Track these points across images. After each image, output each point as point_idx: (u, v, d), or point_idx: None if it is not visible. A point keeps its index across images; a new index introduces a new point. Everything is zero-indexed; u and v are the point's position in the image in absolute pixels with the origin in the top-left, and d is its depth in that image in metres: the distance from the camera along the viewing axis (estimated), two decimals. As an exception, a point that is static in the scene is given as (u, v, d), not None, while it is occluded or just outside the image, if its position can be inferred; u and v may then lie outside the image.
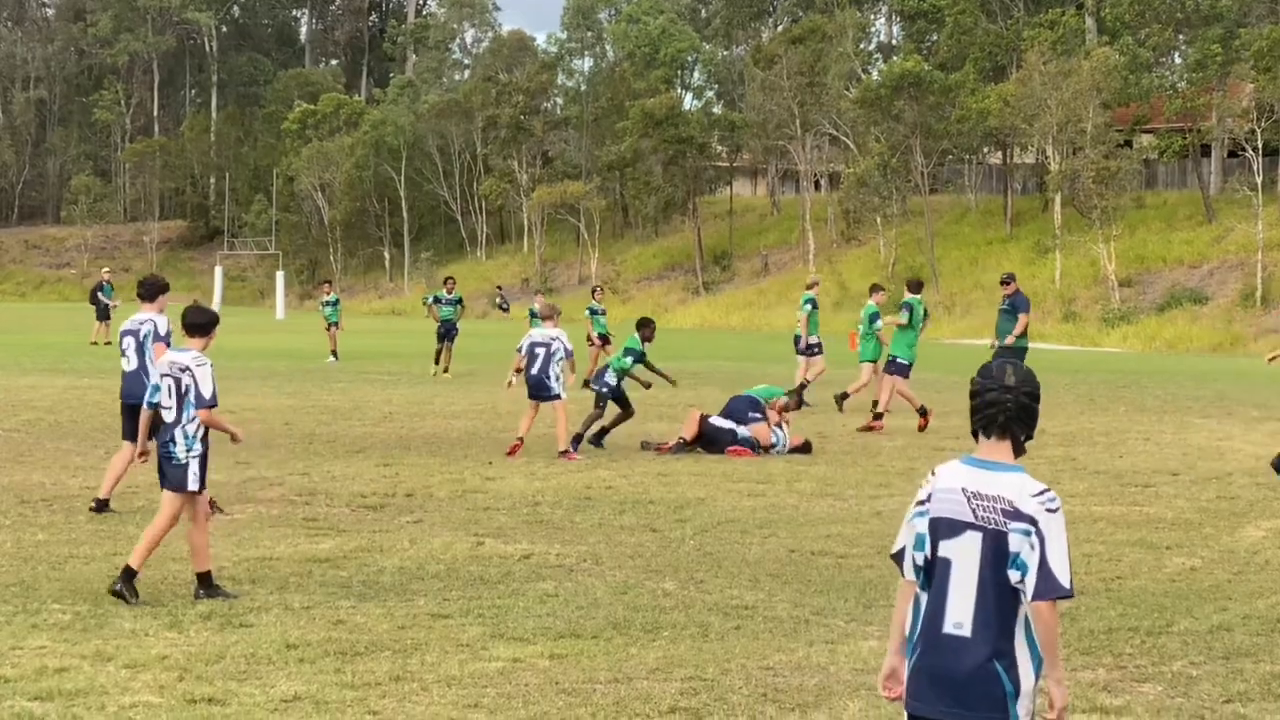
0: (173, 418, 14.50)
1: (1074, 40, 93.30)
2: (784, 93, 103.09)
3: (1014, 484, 6.72)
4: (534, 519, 18.98)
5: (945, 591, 6.70)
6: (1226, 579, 15.59)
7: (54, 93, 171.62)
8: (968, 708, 6.60)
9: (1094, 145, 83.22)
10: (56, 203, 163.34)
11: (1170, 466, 24.95)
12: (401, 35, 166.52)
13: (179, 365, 14.57)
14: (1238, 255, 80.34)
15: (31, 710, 10.33)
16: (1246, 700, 11.07)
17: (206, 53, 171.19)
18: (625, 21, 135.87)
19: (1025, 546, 6.59)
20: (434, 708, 10.63)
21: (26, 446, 25.51)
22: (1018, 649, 6.65)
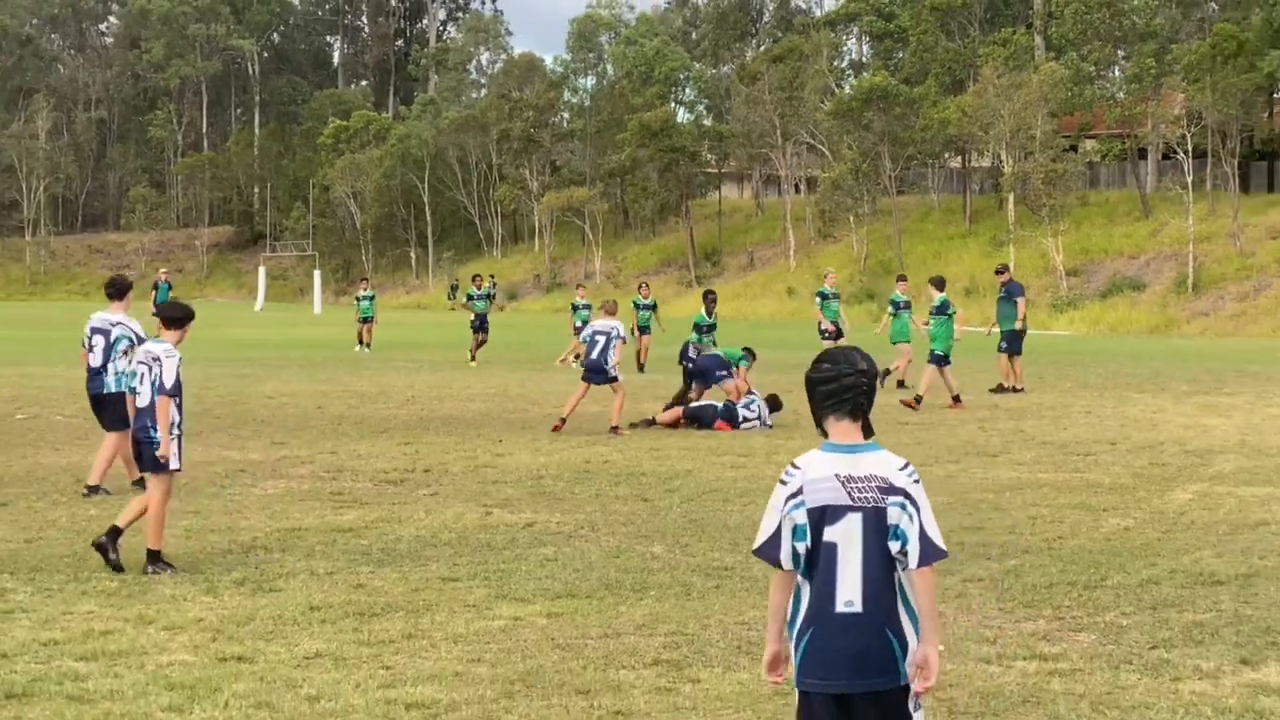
0: (145, 403, 14.16)
1: (1024, 56, 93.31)
2: (766, 106, 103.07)
3: (881, 462, 6.44)
4: (538, 490, 18.91)
5: (834, 573, 6.36)
6: (1156, 537, 15.52)
7: (113, 113, 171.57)
8: (864, 676, 6.31)
9: (1043, 150, 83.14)
10: (116, 211, 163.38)
11: (1109, 437, 24.89)
12: (424, 58, 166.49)
13: (152, 355, 14.27)
14: (1171, 247, 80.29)
15: (77, 669, 10.26)
16: (1170, 646, 11.00)
17: (249, 76, 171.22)
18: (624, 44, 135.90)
19: (904, 518, 6.33)
20: (441, 662, 10.56)
21: (84, 430, 25.39)
22: (900, 613, 6.38)
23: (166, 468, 13.99)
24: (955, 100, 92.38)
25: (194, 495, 18.15)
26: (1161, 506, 17.56)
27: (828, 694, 6.40)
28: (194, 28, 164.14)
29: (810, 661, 6.41)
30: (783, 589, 6.53)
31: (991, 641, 11.14)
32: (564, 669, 10.39)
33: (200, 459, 21.59)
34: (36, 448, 22.97)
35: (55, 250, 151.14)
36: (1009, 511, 17.14)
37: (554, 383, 36.42)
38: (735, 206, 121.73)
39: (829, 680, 6.37)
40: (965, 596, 12.68)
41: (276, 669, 10.33)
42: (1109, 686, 9.99)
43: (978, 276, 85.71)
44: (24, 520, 16.30)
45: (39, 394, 32.28)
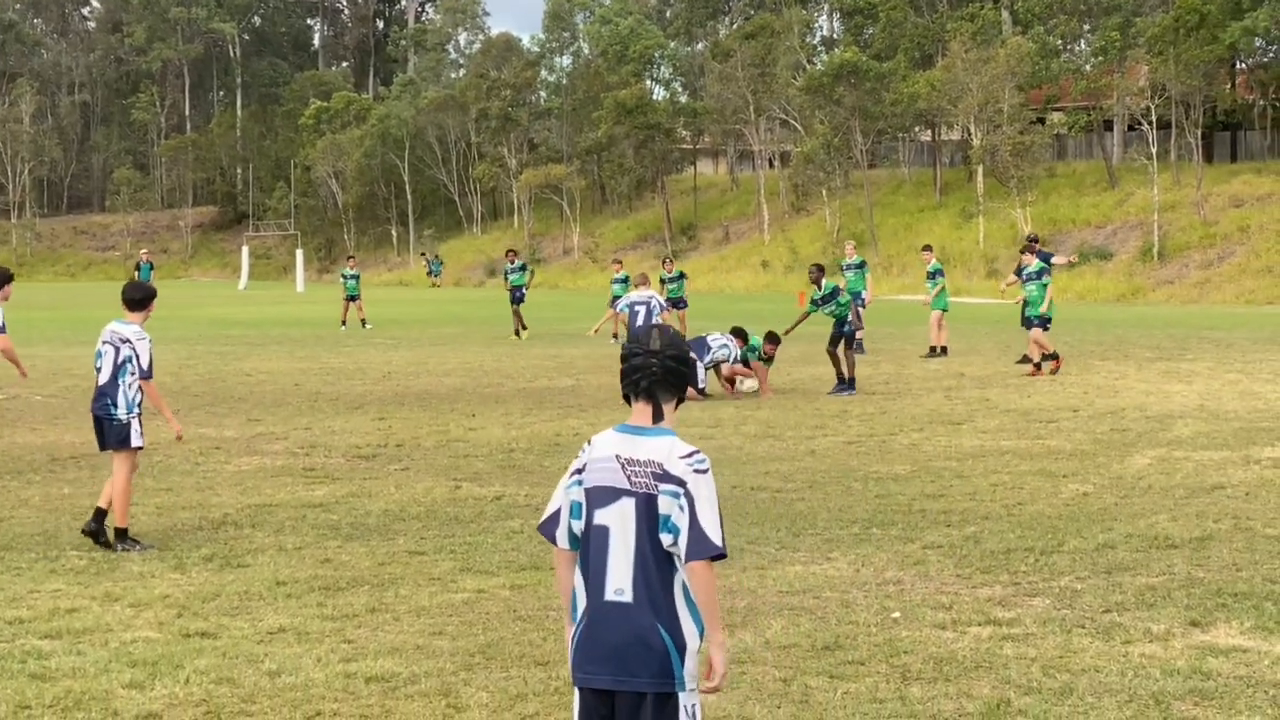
0: (106, 381, 13.93)
1: (992, 31, 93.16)
2: (739, 82, 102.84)
3: (663, 447, 5.95)
4: (508, 464, 18.85)
5: (605, 559, 5.95)
6: (1114, 502, 15.50)
7: (96, 96, 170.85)
8: (633, 674, 5.86)
9: (1010, 123, 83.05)
10: (101, 193, 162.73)
11: (1071, 404, 24.87)
12: (403, 39, 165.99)
13: (120, 336, 14.00)
14: (1137, 216, 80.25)
15: (40, 648, 10.18)
16: (1123, 610, 10.98)
17: (231, 58, 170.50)
18: (598, 23, 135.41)
19: (675, 509, 5.85)
20: (403, 635, 10.51)
21: (62, 410, 25.32)
22: (679, 610, 5.92)
23: (129, 445, 13.84)
24: (925, 75, 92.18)
25: (167, 473, 18.07)
26: (1120, 472, 17.54)
27: (593, 689, 6.00)
28: (175, 11, 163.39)
29: (579, 652, 6.05)
30: (565, 569, 6.18)
31: (947, 608, 11.10)
32: (524, 640, 10.34)
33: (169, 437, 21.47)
34: (14, 427, 22.86)
35: (41, 233, 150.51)
36: (970, 479, 17.12)
37: (528, 358, 36.33)
38: (710, 182, 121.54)
39: (593, 674, 5.97)
40: (924, 563, 12.65)
41: (240, 644, 10.26)
42: (1061, 650, 9.97)
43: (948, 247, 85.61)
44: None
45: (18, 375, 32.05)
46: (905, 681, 9.36)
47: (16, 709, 8.90)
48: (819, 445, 20.30)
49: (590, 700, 6.01)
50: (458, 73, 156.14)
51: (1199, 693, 9.08)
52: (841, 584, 11.96)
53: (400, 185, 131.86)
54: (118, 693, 9.20)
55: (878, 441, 20.61)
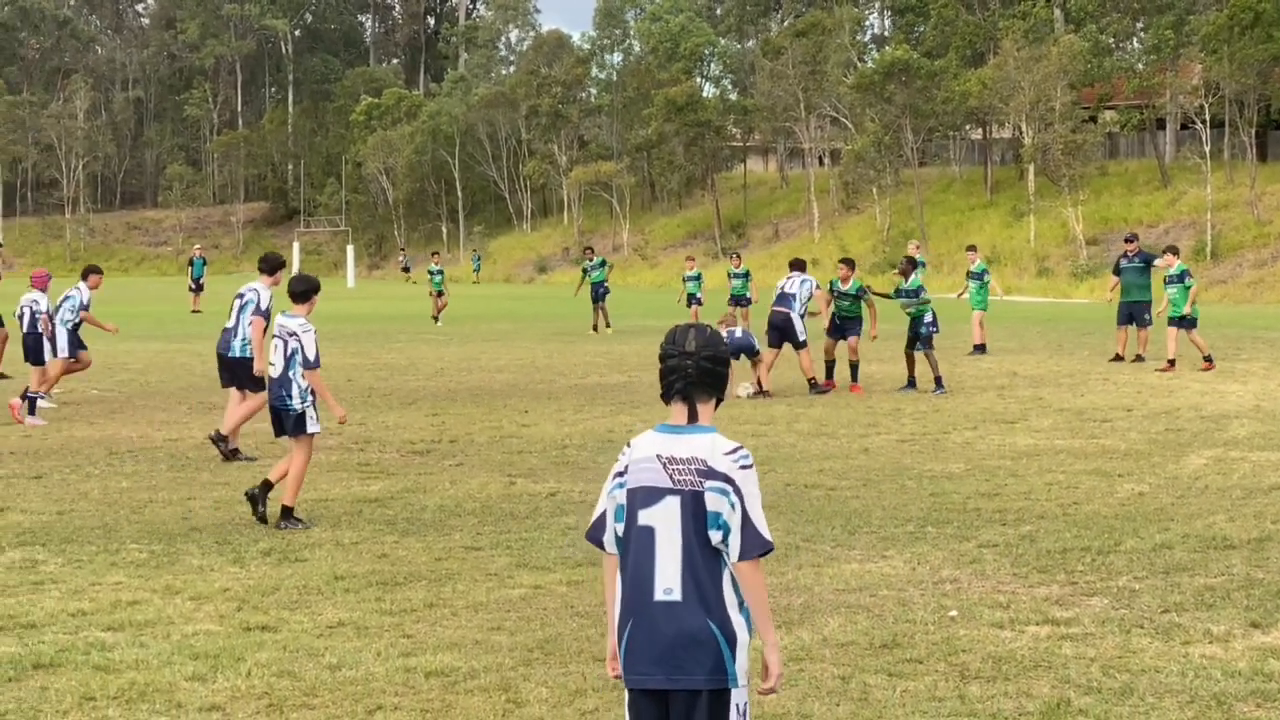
0: (280, 373, 14.70)
1: (1044, 29, 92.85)
2: (790, 80, 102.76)
3: (705, 444, 5.95)
4: (561, 460, 18.88)
5: (652, 559, 5.92)
6: (1170, 502, 15.44)
7: (149, 92, 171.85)
8: (687, 672, 5.85)
9: (1062, 121, 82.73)
10: (154, 189, 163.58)
11: (1125, 403, 24.77)
12: (454, 36, 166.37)
13: (287, 329, 14.77)
14: (1190, 215, 79.85)
15: (104, 639, 10.25)
16: (1181, 610, 10.94)
17: (283, 55, 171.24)
18: (649, 20, 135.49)
19: (725, 506, 5.86)
20: (461, 630, 10.54)
21: (119, 404, 25.49)
22: (729, 608, 5.91)
23: (306, 431, 14.65)
24: (976, 73, 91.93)
25: (225, 467, 18.17)
26: (1176, 472, 17.47)
27: (646, 690, 5.97)
28: (228, 8, 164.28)
29: (630, 654, 6.00)
30: (613, 576, 6.16)
31: (1005, 606, 11.08)
32: (582, 636, 10.36)
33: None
34: (71, 421, 23.00)
35: (94, 227, 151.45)
36: (1025, 478, 17.07)
37: (579, 354, 36.38)
38: (760, 179, 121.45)
39: (646, 675, 5.95)
40: (980, 562, 12.63)
41: (299, 638, 10.31)
42: (1120, 650, 9.94)
43: (999, 246, 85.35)
44: (57, 493, 16.32)
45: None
46: (964, 680, 9.35)
47: (82, 700, 8.97)
48: (872, 443, 20.27)
49: (642, 702, 6.00)
50: (508, 69, 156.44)
51: (1261, 694, 9.04)
52: (898, 582, 11.94)
53: (450, 181, 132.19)
54: (181, 685, 9.26)
55: (931, 440, 20.57)
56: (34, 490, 16.48)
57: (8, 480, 17.15)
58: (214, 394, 27.03)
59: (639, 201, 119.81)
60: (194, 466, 18.19)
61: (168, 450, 19.55)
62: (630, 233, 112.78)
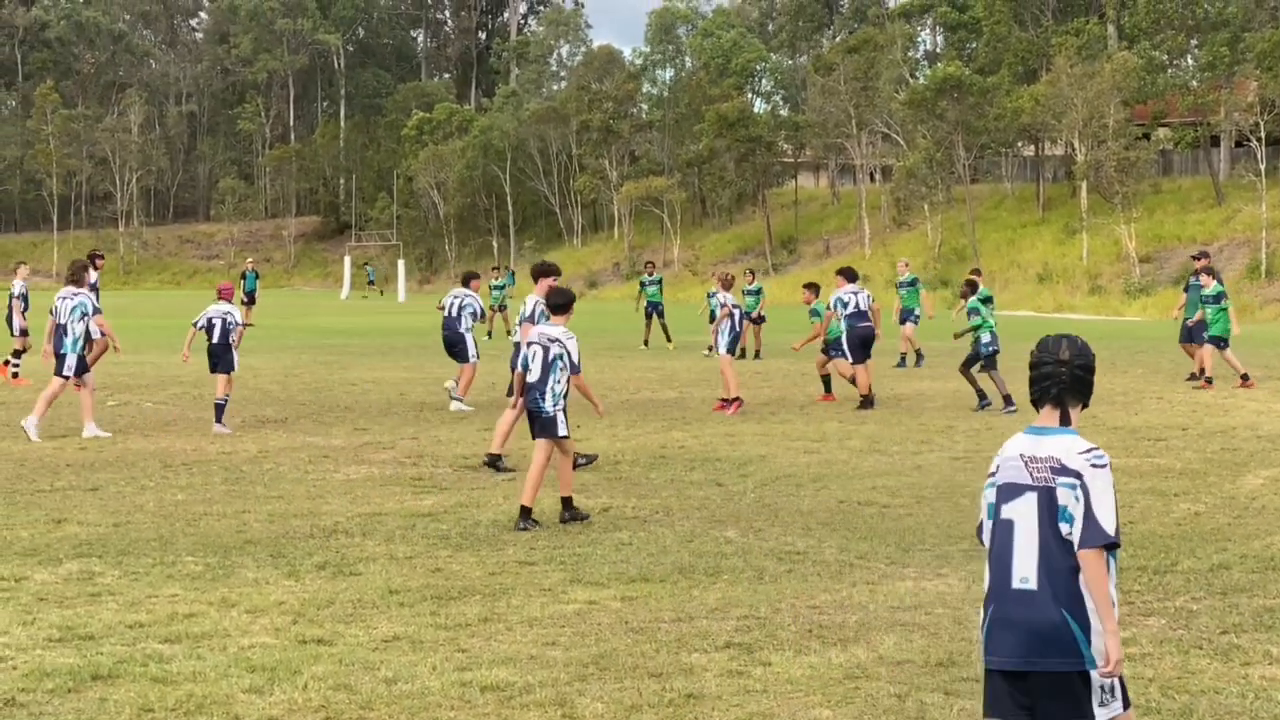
0: (537, 378, 15.56)
1: (1097, 46, 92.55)
2: (841, 96, 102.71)
3: (1063, 445, 6.51)
4: (614, 475, 18.89)
5: (1010, 550, 6.50)
6: (1227, 522, 15.36)
7: (203, 106, 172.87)
8: (1042, 655, 6.37)
9: (1115, 138, 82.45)
10: (206, 202, 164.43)
11: (1180, 422, 24.64)
12: (505, 51, 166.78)
13: (549, 337, 15.70)
14: (1244, 234, 79.46)
15: (161, 651, 10.30)
16: (1240, 632, 10.88)
17: (335, 69, 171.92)
18: (701, 35, 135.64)
19: (1071, 499, 6.38)
20: (516, 645, 10.55)
21: (173, 416, 25.62)
22: (1081, 594, 6.40)
23: (556, 434, 15.56)
24: (1028, 89, 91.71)
25: (278, 480, 18.23)
26: (1233, 491, 17.37)
27: (1006, 671, 6.49)
28: (281, 23, 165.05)
29: (990, 638, 6.55)
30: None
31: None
32: (637, 652, 10.36)
33: (285, 444, 21.70)
34: (126, 434, 23.11)
35: (148, 240, 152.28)
36: (1080, 497, 16.98)
37: (630, 370, 36.38)
38: (811, 195, 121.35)
39: (1006, 657, 6.47)
40: (1035, 581, 12.57)
41: (355, 651, 10.34)
42: (1178, 671, 9.89)
43: (1051, 263, 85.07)
44: (113, 505, 16.40)
45: (129, 381, 32.51)
46: (1021, 700, 9.29)
47: (140, 711, 9.01)
48: (925, 460, 20.22)
49: (1001, 683, 6.52)
50: (559, 84, 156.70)
51: (1321, 716, 8.98)
52: (953, 600, 11.91)
53: (501, 196, 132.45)
54: (238, 697, 9.30)
55: (985, 457, 20.47)
56: (90, 502, 16.57)
57: (65, 492, 17.26)
58: (266, 406, 27.18)
59: (690, 217, 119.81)
60: (248, 480, 18.26)
61: (221, 463, 19.63)
62: (681, 248, 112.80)
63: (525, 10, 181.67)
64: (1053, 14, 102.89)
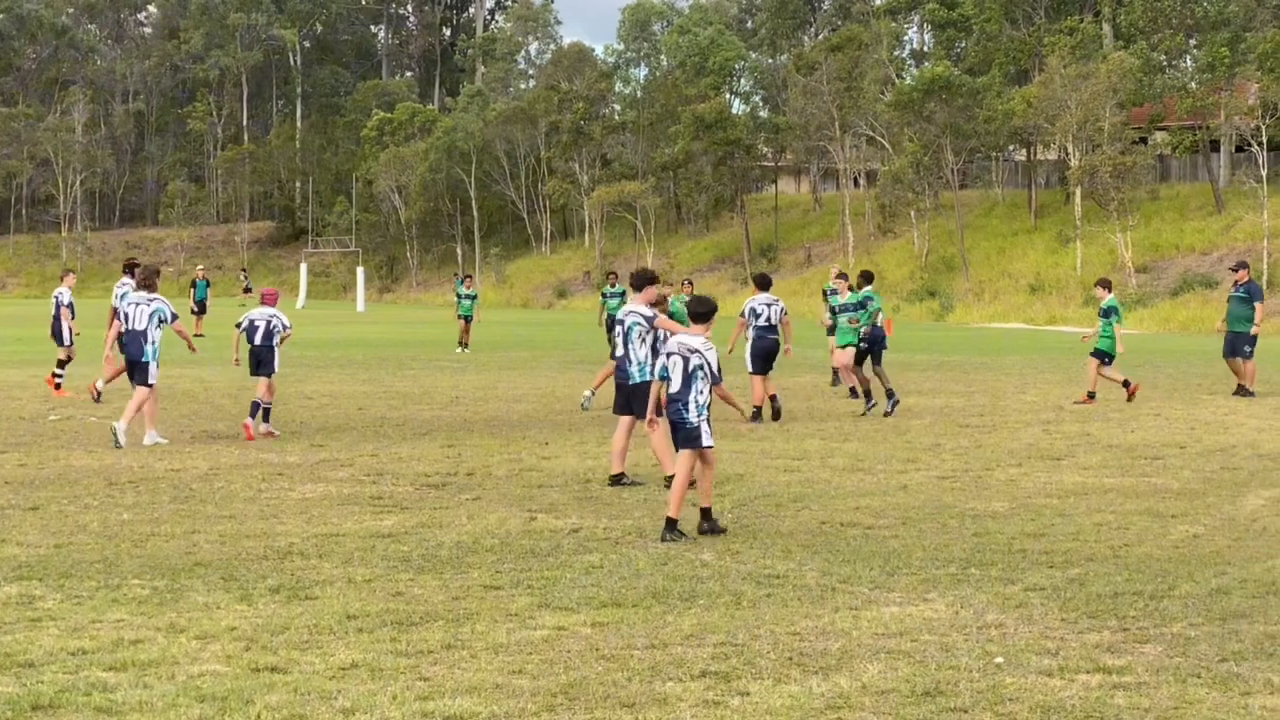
0: (676, 389, 15.94)
1: (1092, 45, 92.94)
2: (824, 97, 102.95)
3: None
4: (584, 495, 18.88)
5: None
6: (1226, 545, 15.41)
7: (151, 105, 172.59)
8: None
9: (1111, 142, 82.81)
10: (154, 206, 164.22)
11: (1178, 440, 24.73)
12: (471, 48, 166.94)
13: (689, 347, 16.01)
14: (1245, 243, 79.84)
15: (105, 680, 10.26)
16: (1240, 659, 10.91)
17: (291, 66, 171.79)
18: (677, 33, 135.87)
19: None
20: (481, 674, 10.53)
21: (119, 432, 25.53)
22: None
23: (701, 444, 15.93)
24: (1020, 91, 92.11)
25: (229, 499, 18.19)
26: (1233, 513, 17.43)
27: None
28: (234, 17, 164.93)
29: None
30: None
31: (1053, 653, 11.06)
32: (608, 680, 10.35)
33: (237, 461, 21.68)
34: (69, 449, 23.05)
35: (92, 246, 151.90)
36: (1073, 518, 17.04)
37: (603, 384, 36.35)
38: (792, 201, 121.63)
39: None
40: (1026, 606, 12.60)
41: (311, 680, 10.31)
42: (1176, 701, 9.90)
43: (1043, 273, 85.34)
44: (54, 525, 16.35)
45: (72, 395, 32.41)
46: (1012, 731, 9.33)
47: (83, 743, 8.99)
48: (911, 480, 20.26)
49: None
50: (528, 84, 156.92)
51: (1325, 748, 9.02)
52: (940, 626, 11.92)
53: (466, 201, 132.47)
54: (187, 728, 9.28)
55: (973, 477, 20.55)
56: (30, 522, 16.51)
57: (3, 511, 17.19)
58: (218, 421, 27.14)
59: (664, 223, 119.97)
60: (198, 499, 18.22)
61: (170, 481, 19.58)
62: (655, 256, 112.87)
63: (492, 5, 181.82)
64: (1045, 12, 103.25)
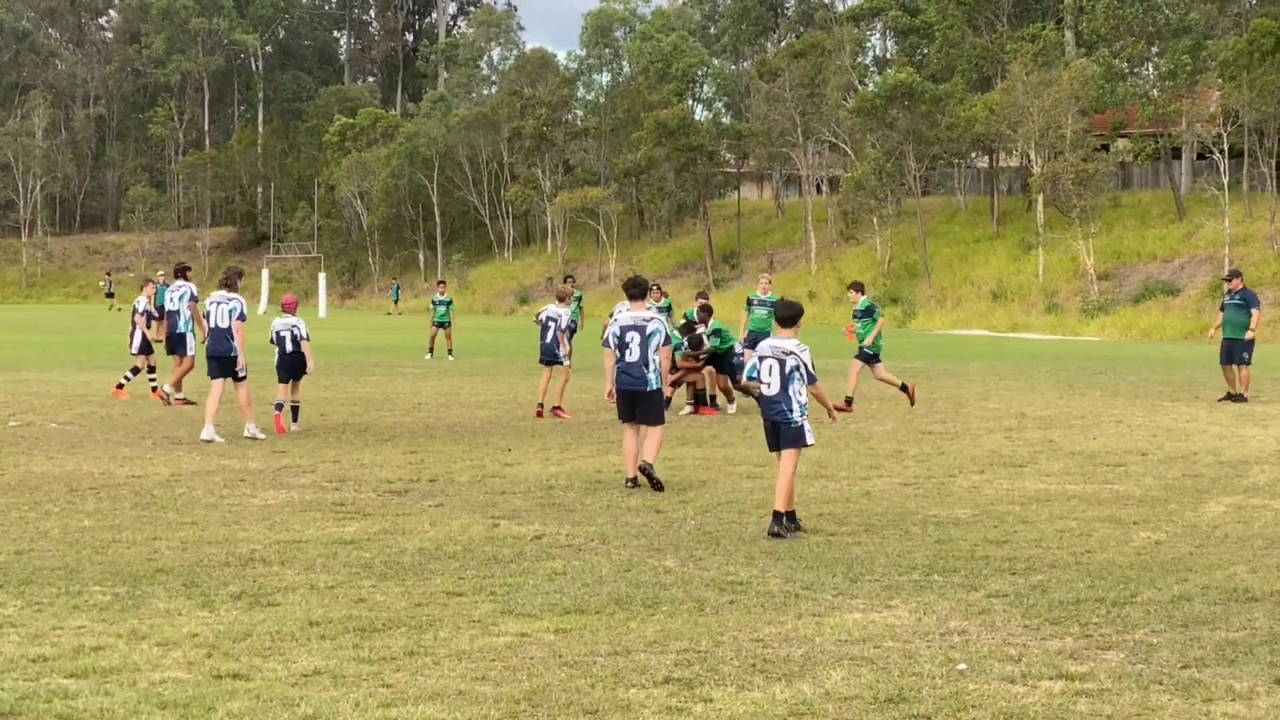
0: (774, 392, 16.55)
1: (1054, 53, 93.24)
2: (787, 103, 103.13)
3: None
4: (547, 501, 18.87)
5: None
6: (1188, 552, 15.46)
7: (112, 110, 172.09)
8: None
9: (1073, 149, 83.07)
10: (115, 211, 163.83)
11: (1140, 447, 24.82)
12: (433, 54, 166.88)
13: (783, 350, 16.61)
14: (1207, 250, 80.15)
15: (66, 687, 10.23)
16: (1202, 666, 10.95)
17: (253, 71, 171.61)
18: (640, 39, 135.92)
19: None
20: (444, 680, 10.52)
21: (79, 438, 25.46)
22: None
23: (805, 443, 16.64)
24: (983, 98, 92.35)
25: (191, 505, 18.14)
26: (1194, 520, 17.50)
27: None
28: (196, 22, 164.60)
29: None
30: None
31: (1016, 660, 11.08)
32: (571, 687, 10.35)
33: (198, 467, 21.62)
34: (29, 455, 22.97)
35: (52, 252, 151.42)
36: (1035, 524, 17.09)
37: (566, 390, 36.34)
38: (755, 207, 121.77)
39: None
40: (989, 613, 12.63)
41: (273, 687, 10.29)
42: (1138, 708, 9.94)
43: (1005, 280, 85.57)
44: (14, 531, 16.29)
45: (33, 400, 32.32)
46: (974, 737, 9.35)
47: (44, 751, 8.96)
48: (874, 487, 20.29)
49: None
50: (490, 89, 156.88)
51: (1286, 754, 9.05)
52: (903, 633, 11.95)
53: (428, 207, 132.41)
54: (148, 735, 9.25)
55: (936, 484, 20.59)
56: (-10, 528, 16.46)
57: (-38, 517, 17.13)
58: (179, 427, 27.07)
59: (627, 230, 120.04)
60: (159, 505, 18.16)
61: (131, 487, 19.52)
62: (618, 262, 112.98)
63: (455, 11, 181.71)
64: (1008, 19, 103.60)
